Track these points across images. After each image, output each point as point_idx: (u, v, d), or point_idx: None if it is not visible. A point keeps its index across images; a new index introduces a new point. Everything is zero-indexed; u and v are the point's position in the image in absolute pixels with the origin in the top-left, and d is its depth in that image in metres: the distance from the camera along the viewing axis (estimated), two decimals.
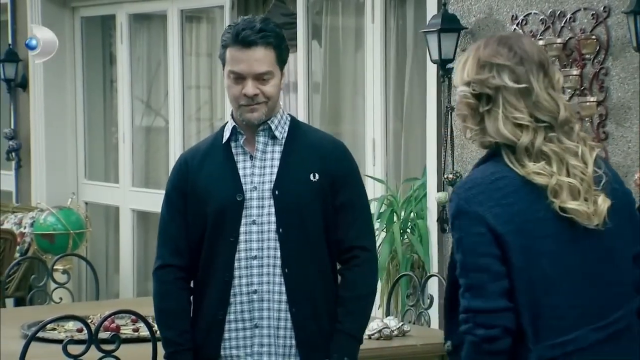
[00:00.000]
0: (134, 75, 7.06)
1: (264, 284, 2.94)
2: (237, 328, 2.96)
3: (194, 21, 6.94)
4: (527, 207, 2.24)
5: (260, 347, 2.95)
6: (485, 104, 2.29)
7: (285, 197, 2.94)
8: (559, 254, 2.25)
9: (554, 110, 2.28)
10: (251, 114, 2.94)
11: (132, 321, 4.01)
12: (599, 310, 2.26)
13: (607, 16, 4.41)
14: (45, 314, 3.95)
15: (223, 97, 6.46)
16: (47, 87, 7.26)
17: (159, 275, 3.07)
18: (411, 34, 5.51)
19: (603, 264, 2.28)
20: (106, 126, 7.46)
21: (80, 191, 7.35)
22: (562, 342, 2.22)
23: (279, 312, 2.94)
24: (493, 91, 2.28)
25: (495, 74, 2.28)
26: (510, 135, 2.26)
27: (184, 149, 6.68)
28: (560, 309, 2.23)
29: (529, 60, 2.29)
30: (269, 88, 2.93)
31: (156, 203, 6.84)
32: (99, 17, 7.38)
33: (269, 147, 2.99)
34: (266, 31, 2.92)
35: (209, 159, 3.01)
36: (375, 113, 5.49)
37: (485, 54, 2.31)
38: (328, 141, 3.06)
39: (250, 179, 2.96)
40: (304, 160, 2.97)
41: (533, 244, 2.23)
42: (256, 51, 2.91)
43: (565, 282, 2.24)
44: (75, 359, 3.24)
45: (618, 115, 4.38)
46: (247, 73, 2.91)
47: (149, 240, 7.17)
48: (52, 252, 6.61)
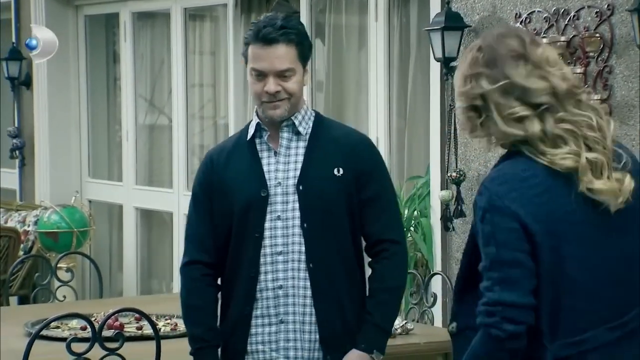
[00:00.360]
0: (137, 74, 7.06)
1: (289, 279, 2.96)
2: (263, 324, 2.98)
3: (197, 19, 6.94)
4: (557, 205, 2.23)
5: (286, 342, 2.97)
6: (480, 115, 2.29)
7: (310, 192, 2.95)
8: (584, 257, 2.24)
9: (546, 88, 2.24)
10: (274, 110, 2.95)
11: (135, 319, 4.01)
12: (615, 309, 2.25)
13: (611, 14, 4.40)
14: (49, 312, 3.95)
15: (226, 95, 6.46)
16: (50, 85, 7.27)
17: (186, 271, 3.07)
18: (415, 32, 5.51)
19: (622, 262, 2.26)
20: (110, 124, 7.47)
21: (84, 189, 7.35)
22: (577, 340, 2.22)
23: (304, 307, 2.96)
24: (480, 100, 2.28)
25: (475, 84, 2.28)
26: (516, 131, 2.24)
27: (187, 147, 6.69)
28: (578, 309, 2.23)
29: (501, 57, 2.27)
30: (291, 85, 2.94)
31: (160, 201, 6.90)
32: (103, 16, 7.38)
33: (292, 142, 3.01)
34: (287, 28, 2.94)
35: (234, 156, 3.04)
36: (379, 111, 5.49)
37: (465, 66, 2.32)
38: (353, 136, 3.07)
39: (275, 175, 2.98)
40: (328, 155, 2.99)
41: (560, 246, 2.22)
42: (277, 48, 2.92)
43: (586, 284, 2.23)
44: (79, 357, 3.24)
45: (622, 113, 4.38)
46: (269, 70, 2.93)
47: (153, 239, 7.17)
48: (55, 250, 6.62)
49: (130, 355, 3.30)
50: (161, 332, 3.73)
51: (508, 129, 2.25)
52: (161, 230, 7.11)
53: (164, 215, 7.00)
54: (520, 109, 2.23)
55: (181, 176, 6.69)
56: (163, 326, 4.03)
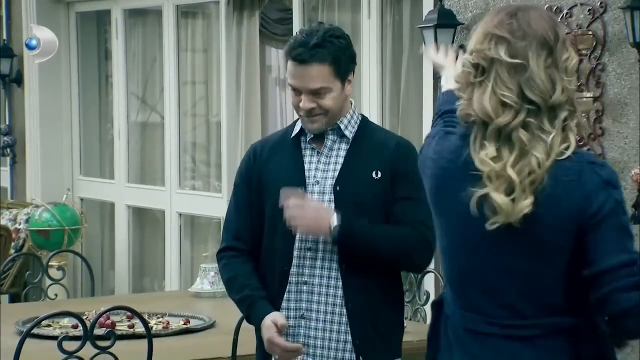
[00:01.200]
0: (129, 71, 7.04)
1: (315, 276, 2.96)
2: (287, 316, 2.97)
3: (190, 17, 6.92)
4: (456, 192, 2.18)
5: (306, 338, 2.96)
6: (479, 75, 2.20)
7: (346, 193, 2.95)
8: (472, 247, 2.21)
9: (547, 92, 2.16)
10: (311, 125, 2.98)
11: (127, 317, 4.00)
12: (509, 309, 2.19)
13: (604, 12, 4.40)
14: (40, 310, 3.94)
15: (218, 92, 6.45)
16: (42, 82, 7.25)
17: (222, 255, 3.09)
18: (407, 30, 5.50)
19: (496, 273, 2.20)
20: (101, 122, 7.45)
21: (76, 187, 7.33)
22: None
23: (333, 307, 2.95)
24: (487, 63, 2.18)
25: (493, 46, 2.18)
26: (492, 112, 2.15)
27: (179, 145, 6.68)
28: (471, 289, 2.23)
29: (532, 36, 2.17)
30: (327, 102, 2.95)
31: (152, 199, 6.89)
32: (94, 13, 7.36)
33: (336, 144, 3.02)
34: (321, 47, 2.92)
35: (277, 151, 3.05)
36: (372, 108, 5.48)
37: (491, 24, 2.21)
38: (395, 140, 3.07)
39: (314, 174, 2.99)
40: (369, 158, 2.99)
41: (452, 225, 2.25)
42: (310, 69, 2.92)
43: (475, 275, 2.22)
44: (71, 355, 3.23)
45: (614, 111, 4.38)
46: (302, 88, 2.95)
47: (145, 236, 7.16)
48: (47, 248, 6.60)
49: (122, 354, 3.29)
50: (153, 331, 3.72)
51: (488, 105, 2.16)
52: (153, 228, 7.09)
53: (156, 213, 6.99)
54: (512, 96, 2.16)
55: (173, 174, 6.68)
56: (155, 324, 4.02)
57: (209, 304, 4.56)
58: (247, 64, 6.27)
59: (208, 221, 6.70)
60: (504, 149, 2.16)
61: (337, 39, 2.97)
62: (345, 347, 2.96)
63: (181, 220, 6.69)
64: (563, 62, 2.19)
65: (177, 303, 4.60)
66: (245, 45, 6.25)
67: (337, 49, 2.96)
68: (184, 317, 4.15)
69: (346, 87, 3.00)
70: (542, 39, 2.18)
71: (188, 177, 6.95)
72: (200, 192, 6.75)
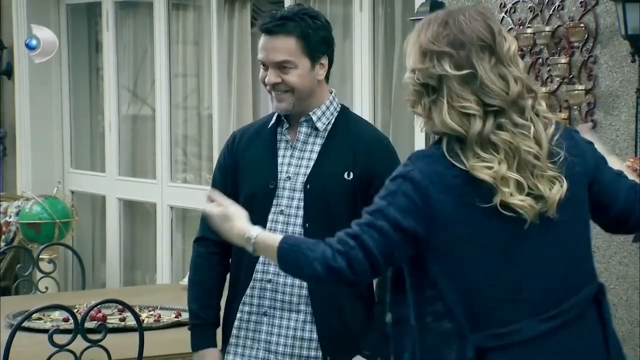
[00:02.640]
0: (120, 64, 7.02)
1: (280, 275, 2.93)
2: (250, 311, 2.98)
3: (181, 9, 6.90)
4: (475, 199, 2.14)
5: (268, 335, 2.96)
6: (430, 94, 2.17)
7: (316, 192, 2.93)
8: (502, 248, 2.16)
9: (503, 92, 2.14)
10: (278, 103, 2.95)
11: (118, 310, 4.00)
12: (548, 301, 2.16)
13: (596, 4, 4.40)
14: (31, 303, 3.94)
15: (210, 85, 6.44)
16: (32, 75, 7.23)
17: (195, 247, 3.12)
18: (399, 22, 5.50)
19: (556, 254, 2.18)
20: (92, 114, 7.43)
21: (66, 180, 7.32)
22: (502, 332, 2.14)
23: (297, 305, 2.94)
24: (436, 81, 2.15)
25: (436, 63, 2.15)
26: (457, 127, 2.13)
27: (170, 138, 6.67)
28: (501, 300, 2.15)
29: (469, 42, 2.15)
30: (291, 77, 2.92)
31: (143, 192, 6.88)
32: (85, 5, 7.34)
33: (310, 138, 2.99)
34: (290, 20, 2.91)
35: (255, 140, 3.04)
36: (364, 102, 5.48)
37: (426, 39, 2.18)
38: (373, 138, 3.02)
39: (287, 169, 2.97)
40: (342, 156, 2.95)
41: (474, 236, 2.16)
42: (277, 39, 2.91)
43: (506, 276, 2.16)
44: (62, 348, 3.23)
45: (606, 104, 4.38)
46: (266, 61, 2.93)
47: (136, 229, 7.15)
48: (37, 242, 6.58)
49: (113, 347, 3.30)
50: (144, 324, 3.72)
51: (450, 121, 2.14)
52: (144, 221, 7.08)
53: (147, 206, 6.98)
54: (472, 105, 2.13)
55: (164, 167, 6.67)
56: (146, 317, 4.03)
57: None
58: (239, 56, 6.26)
59: (199, 214, 6.64)
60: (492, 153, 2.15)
61: (311, 18, 2.95)
62: (310, 346, 2.94)
63: (172, 213, 6.68)
64: (505, 54, 2.16)
65: (169, 296, 4.60)
66: (236, 37, 6.24)
67: (308, 25, 2.94)
68: (176, 310, 4.15)
69: (317, 69, 2.96)
70: (480, 42, 2.16)
71: (179, 170, 6.94)
72: (191, 185, 6.74)
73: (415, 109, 2.22)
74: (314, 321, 2.93)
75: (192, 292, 3.06)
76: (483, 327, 2.15)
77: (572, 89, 4.42)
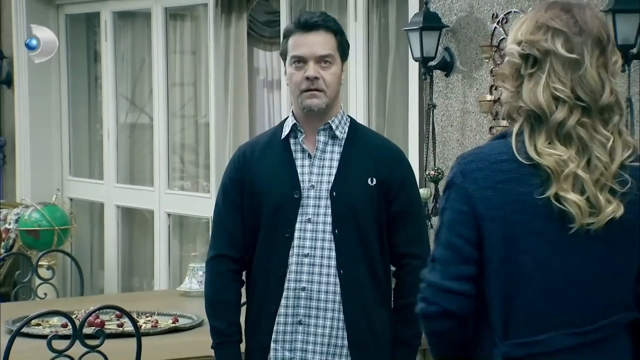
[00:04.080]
0: (118, 73, 7.07)
1: (314, 282, 2.96)
2: (283, 322, 2.98)
3: (178, 19, 6.95)
4: (522, 196, 2.11)
5: (304, 344, 2.97)
6: (530, 67, 2.13)
7: (343, 199, 2.96)
8: (542, 255, 2.12)
9: (598, 92, 2.11)
10: (311, 100, 2.96)
11: (116, 316, 4.03)
12: (579, 316, 2.13)
13: None
14: (30, 309, 3.97)
15: (207, 94, 6.48)
16: (32, 84, 7.26)
17: (212, 265, 3.07)
18: (393, 32, 5.55)
19: (595, 272, 2.13)
20: (91, 123, 7.47)
21: (65, 187, 7.36)
22: (530, 342, 2.12)
23: (332, 312, 2.96)
24: (542, 54, 2.12)
25: (549, 37, 2.12)
26: (545, 105, 2.10)
27: (168, 146, 6.71)
28: (535, 308, 2.12)
29: (588, 33, 2.12)
30: (329, 75, 2.96)
31: (141, 199, 6.92)
32: (84, 15, 7.38)
33: (328, 146, 3.01)
34: (327, 17, 3.00)
35: (267, 153, 3.03)
36: (358, 110, 5.52)
37: (545, 16, 2.15)
38: (385, 146, 3.08)
39: (309, 177, 2.98)
40: (363, 163, 2.99)
41: (516, 238, 2.12)
42: (318, 34, 2.96)
43: (545, 283, 2.12)
44: (60, 354, 3.25)
45: None
46: (309, 55, 2.95)
47: (134, 236, 7.19)
48: (36, 248, 6.62)
49: (111, 353, 3.32)
50: (142, 330, 3.75)
51: (541, 97, 2.10)
52: (142, 228, 7.12)
53: (145, 214, 7.02)
54: (566, 90, 2.10)
55: (162, 174, 6.71)
56: (144, 323, 4.05)
57: (198, 303, 4.58)
58: (235, 65, 6.30)
59: (196, 221, 6.74)
60: (564, 146, 2.11)
61: (335, 23, 3.05)
62: (341, 352, 2.97)
63: (170, 220, 6.72)
64: (612, 64, 2.15)
65: (166, 302, 4.62)
66: (233, 47, 6.29)
67: (339, 25, 3.04)
68: (173, 316, 4.18)
69: (342, 74, 3.02)
70: (596, 38, 2.13)
71: (177, 177, 6.98)
72: (188, 192, 6.78)
73: (505, 82, 2.18)
74: (345, 327, 2.96)
75: (215, 310, 3.04)
76: (513, 336, 2.14)
77: None
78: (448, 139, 5.02)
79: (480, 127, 4.89)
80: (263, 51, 6.52)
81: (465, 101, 4.95)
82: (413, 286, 2.96)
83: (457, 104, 4.99)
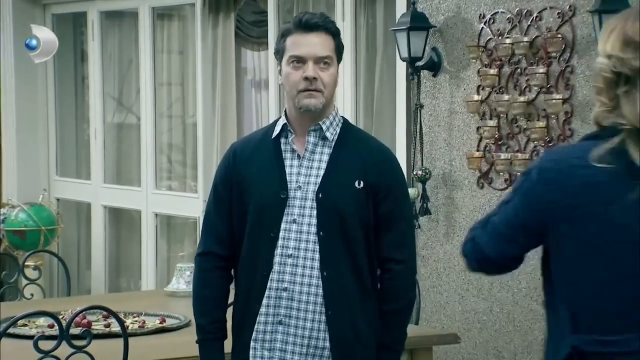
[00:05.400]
0: (105, 72, 7.06)
1: (296, 283, 2.96)
2: (265, 322, 2.99)
3: (165, 19, 6.95)
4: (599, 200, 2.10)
5: (283, 344, 2.97)
6: (623, 84, 2.11)
7: (328, 201, 2.96)
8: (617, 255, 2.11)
9: None
10: (309, 99, 2.96)
11: (103, 317, 4.02)
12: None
13: (573, 15, 4.47)
14: (16, 310, 3.96)
15: (194, 94, 6.48)
16: (18, 83, 7.25)
17: (199, 261, 3.10)
18: (381, 32, 5.56)
19: None
20: (78, 123, 7.46)
21: (52, 187, 7.35)
22: (607, 340, 2.11)
23: (313, 314, 2.96)
24: (633, 73, 2.10)
25: (639, 56, 2.09)
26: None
27: (155, 146, 6.70)
28: (607, 308, 2.12)
29: None
30: (327, 76, 2.96)
31: (128, 199, 6.91)
32: (70, 14, 7.37)
33: (318, 147, 3.01)
34: (327, 19, 3.01)
35: (258, 152, 3.04)
36: (346, 110, 5.53)
37: (633, 29, 2.12)
38: (376, 149, 3.07)
39: (296, 178, 2.99)
40: (351, 165, 2.99)
41: (590, 240, 2.11)
42: (318, 35, 2.96)
43: (615, 286, 2.11)
44: (47, 354, 3.25)
45: (583, 113, 4.45)
46: (309, 55, 2.95)
47: (121, 237, 7.18)
48: (23, 249, 6.61)
49: (98, 353, 3.32)
50: (129, 330, 3.74)
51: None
52: (129, 228, 7.12)
53: (132, 214, 7.01)
54: None
55: (149, 174, 6.71)
56: (131, 324, 4.05)
57: (185, 303, 4.57)
58: (223, 65, 6.30)
59: (184, 221, 6.73)
60: None
61: (335, 25, 3.05)
62: (322, 354, 2.97)
63: (157, 220, 6.72)
64: None
65: (153, 302, 4.62)
66: (220, 47, 6.29)
67: (337, 27, 3.04)
68: (160, 317, 4.18)
69: (337, 77, 3.03)
70: None
71: (164, 177, 6.98)
72: (176, 192, 6.78)
73: (600, 95, 2.16)
74: (327, 329, 2.96)
75: (200, 306, 3.07)
76: (586, 331, 2.14)
77: (549, 98, 4.49)
78: (435, 138, 5.03)
79: (468, 127, 4.90)
80: (251, 51, 6.52)
81: (452, 101, 4.96)
82: (396, 292, 3.01)
83: (444, 104, 5.00)
